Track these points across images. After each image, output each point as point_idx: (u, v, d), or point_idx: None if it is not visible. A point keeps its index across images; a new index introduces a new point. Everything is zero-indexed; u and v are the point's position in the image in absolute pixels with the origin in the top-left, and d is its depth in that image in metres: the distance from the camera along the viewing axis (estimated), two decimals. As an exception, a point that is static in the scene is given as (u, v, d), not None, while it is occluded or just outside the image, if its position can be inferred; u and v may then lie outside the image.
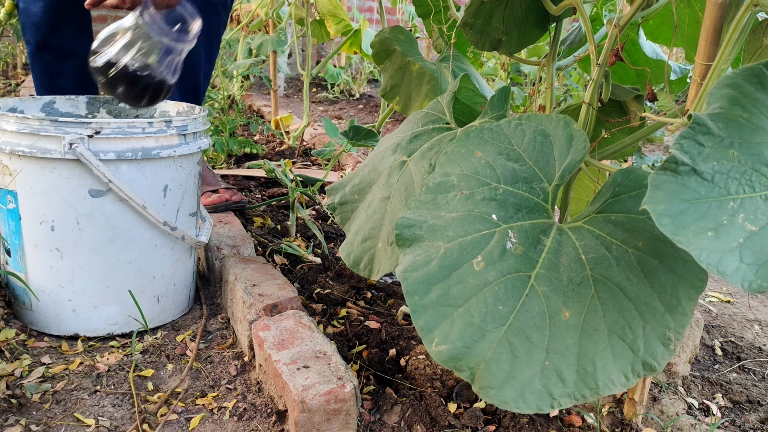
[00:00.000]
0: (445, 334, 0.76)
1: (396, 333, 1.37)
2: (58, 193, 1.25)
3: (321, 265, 1.71)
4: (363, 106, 4.81)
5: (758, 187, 0.59)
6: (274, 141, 3.09)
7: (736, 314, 1.70)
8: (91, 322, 1.34)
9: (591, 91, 1.10)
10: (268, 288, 1.39)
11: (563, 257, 0.82)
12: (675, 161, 0.58)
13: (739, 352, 1.49)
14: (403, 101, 1.70)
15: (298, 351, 1.15)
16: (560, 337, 0.75)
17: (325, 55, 6.14)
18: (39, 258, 1.30)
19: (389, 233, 1.09)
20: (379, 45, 1.75)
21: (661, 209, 0.56)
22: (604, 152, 1.17)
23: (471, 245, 0.83)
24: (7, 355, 1.26)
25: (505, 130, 0.98)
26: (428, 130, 1.21)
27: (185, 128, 1.34)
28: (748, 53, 1.02)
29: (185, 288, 1.47)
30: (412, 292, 0.79)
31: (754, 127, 0.62)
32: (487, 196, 0.89)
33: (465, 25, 1.32)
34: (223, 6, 1.95)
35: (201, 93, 2.00)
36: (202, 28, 1.53)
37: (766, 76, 0.65)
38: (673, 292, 0.76)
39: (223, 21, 1.98)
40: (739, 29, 0.85)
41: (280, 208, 2.13)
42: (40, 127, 1.21)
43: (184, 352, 1.33)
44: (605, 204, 0.88)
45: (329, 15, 2.93)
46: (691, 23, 1.35)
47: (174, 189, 1.35)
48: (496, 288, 0.79)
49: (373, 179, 1.22)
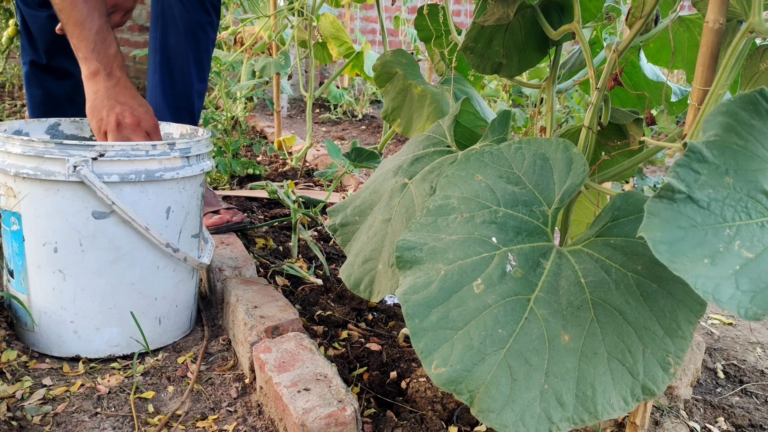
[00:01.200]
0: (445, 357, 0.76)
1: (397, 355, 1.37)
2: (62, 215, 1.26)
3: (322, 286, 1.71)
4: (366, 126, 4.83)
5: (754, 214, 0.59)
6: (277, 162, 3.11)
7: (738, 337, 1.70)
8: (92, 344, 1.34)
9: (590, 114, 1.11)
10: (269, 310, 1.39)
11: (563, 280, 0.83)
12: (671, 189, 0.58)
13: (741, 375, 1.49)
14: (405, 123, 1.72)
15: (299, 373, 1.15)
16: (559, 360, 0.75)
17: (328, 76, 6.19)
18: (42, 279, 1.31)
19: (390, 255, 1.10)
20: (381, 68, 1.77)
21: (658, 236, 0.57)
22: (605, 175, 1.18)
23: (471, 268, 0.83)
24: (9, 376, 1.26)
25: (506, 153, 0.99)
26: (429, 152, 1.22)
27: (188, 150, 1.35)
28: (746, 78, 1.02)
29: (187, 309, 1.47)
30: (412, 314, 0.79)
31: (750, 154, 0.62)
32: (487, 219, 0.89)
33: (466, 49, 1.34)
34: (210, 24, 1.97)
35: (196, 113, 2.02)
36: (191, 46, 1.58)
37: (761, 103, 0.66)
38: (672, 316, 0.76)
39: (211, 39, 2.00)
40: (735, 55, 0.86)
41: (282, 229, 2.14)
42: (44, 150, 1.22)
43: (185, 374, 1.33)
44: (604, 227, 0.88)
45: (332, 38, 2.95)
46: (691, 47, 1.36)
47: (177, 211, 1.36)
48: (496, 311, 0.79)
49: (374, 201, 1.23)
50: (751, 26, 0.84)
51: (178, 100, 1.96)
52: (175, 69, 1.94)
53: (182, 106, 1.96)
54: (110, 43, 1.46)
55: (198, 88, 2.00)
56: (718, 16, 0.88)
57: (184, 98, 1.96)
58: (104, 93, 1.42)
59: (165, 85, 1.94)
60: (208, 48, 2.00)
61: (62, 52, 1.89)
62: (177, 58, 1.93)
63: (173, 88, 1.95)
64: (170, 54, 1.92)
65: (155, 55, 1.94)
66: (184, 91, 1.96)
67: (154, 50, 1.94)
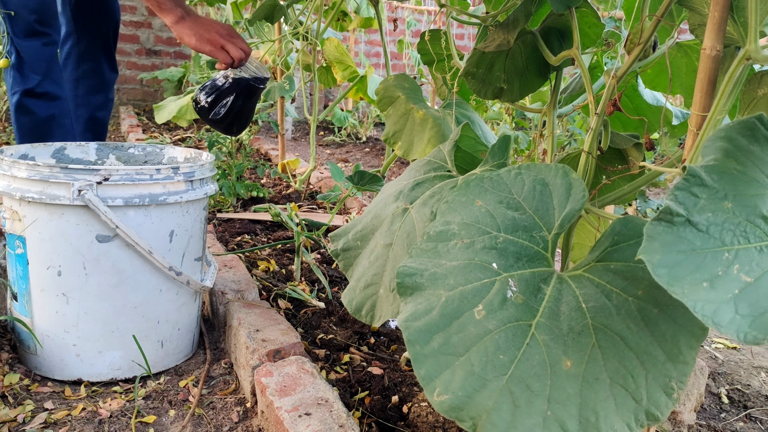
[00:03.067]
0: (447, 383, 0.76)
1: (399, 379, 1.37)
2: (66, 239, 1.27)
3: (325, 309, 1.71)
4: (369, 149, 4.85)
5: (753, 238, 0.60)
6: (281, 184, 3.12)
7: (742, 361, 1.69)
8: (94, 367, 1.34)
9: (590, 139, 1.12)
10: (271, 333, 1.39)
11: (563, 306, 0.83)
12: (670, 212, 0.59)
13: (745, 400, 1.48)
14: (406, 147, 1.73)
15: (300, 397, 1.15)
16: (561, 386, 0.75)
17: (332, 99, 6.23)
18: (45, 303, 1.31)
19: (391, 280, 1.10)
20: (383, 92, 1.78)
21: (657, 260, 0.57)
22: (605, 199, 1.19)
23: (472, 294, 0.84)
24: (11, 400, 1.26)
25: (505, 179, 0.99)
26: (430, 177, 1.23)
27: (192, 174, 1.36)
28: (744, 103, 1.03)
29: (189, 333, 1.47)
30: (413, 341, 0.79)
31: (748, 179, 0.63)
32: (487, 244, 0.90)
33: (467, 74, 1.35)
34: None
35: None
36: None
37: (759, 129, 0.66)
38: (673, 340, 0.76)
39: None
40: (732, 81, 0.86)
41: (285, 252, 2.15)
42: (50, 174, 1.23)
43: (187, 397, 1.33)
44: (605, 252, 0.88)
45: (336, 62, 2.98)
46: (689, 72, 1.37)
47: (180, 234, 1.37)
48: (497, 337, 0.79)
49: (376, 226, 1.23)
50: (747, 53, 0.85)
51: None
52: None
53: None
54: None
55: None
56: (715, 43, 0.89)
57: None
58: (198, 25, 1.81)
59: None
60: None
61: (52, 77, 2.13)
62: None
63: None
64: None
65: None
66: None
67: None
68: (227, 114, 1.88)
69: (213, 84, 1.89)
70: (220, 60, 1.86)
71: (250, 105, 1.95)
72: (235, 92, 1.88)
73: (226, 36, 1.84)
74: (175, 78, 4.88)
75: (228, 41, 1.83)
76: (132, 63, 5.40)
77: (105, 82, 2.42)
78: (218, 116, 1.89)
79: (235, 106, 1.89)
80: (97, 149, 1.66)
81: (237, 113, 1.91)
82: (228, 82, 1.87)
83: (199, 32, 1.81)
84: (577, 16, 1.20)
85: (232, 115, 1.90)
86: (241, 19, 3.63)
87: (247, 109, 1.95)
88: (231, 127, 1.95)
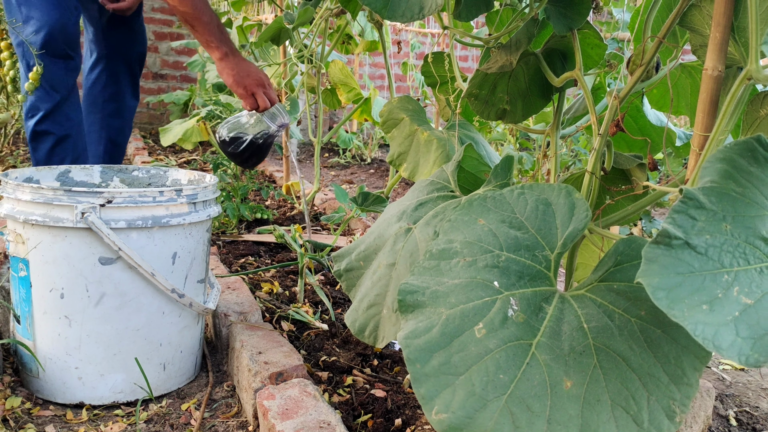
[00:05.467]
0: (447, 403, 0.75)
1: (402, 401, 1.35)
2: (69, 261, 1.27)
3: (328, 331, 1.71)
4: (374, 170, 4.87)
5: (752, 260, 0.59)
6: (285, 206, 3.13)
7: (750, 382, 1.67)
8: (96, 391, 1.34)
9: (593, 160, 1.12)
10: (273, 356, 1.38)
11: (565, 326, 0.82)
12: (668, 235, 0.58)
13: (754, 422, 1.46)
14: (411, 168, 1.73)
15: (303, 421, 1.14)
16: (562, 407, 0.74)
17: (337, 121, 6.26)
18: (48, 325, 1.31)
19: (393, 300, 1.10)
20: (388, 114, 1.79)
21: (656, 282, 0.57)
22: (609, 219, 1.18)
23: (473, 312, 0.83)
24: (12, 424, 1.26)
25: (508, 198, 0.99)
26: (433, 197, 1.23)
27: (195, 197, 1.36)
28: (747, 123, 1.03)
29: (192, 355, 1.47)
30: (413, 359, 0.79)
31: (748, 200, 0.62)
32: (489, 263, 0.89)
33: (470, 96, 1.36)
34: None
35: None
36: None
37: (759, 150, 0.66)
38: (677, 362, 0.75)
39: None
40: (734, 101, 0.86)
41: (288, 273, 2.14)
42: (53, 197, 1.24)
43: (189, 421, 1.32)
44: (607, 272, 0.88)
45: (340, 84, 3.00)
46: (693, 92, 1.37)
47: (183, 256, 1.37)
48: (498, 356, 0.78)
49: (379, 246, 1.23)
50: (749, 73, 0.85)
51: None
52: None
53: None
54: (225, 31, 2.01)
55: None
56: (716, 63, 0.89)
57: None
58: (239, 67, 2.00)
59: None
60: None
61: (72, 99, 2.23)
62: None
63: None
64: None
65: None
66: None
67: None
68: (246, 150, 2.10)
69: (237, 122, 2.10)
70: (247, 105, 2.05)
71: (267, 144, 2.16)
72: (257, 134, 2.10)
73: (260, 85, 2.03)
74: (181, 101, 4.91)
75: (259, 90, 2.03)
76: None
77: (126, 108, 2.55)
78: (237, 151, 2.11)
79: (255, 145, 2.11)
80: (102, 172, 1.67)
81: (255, 150, 2.13)
82: (250, 123, 2.09)
83: (238, 75, 2.00)
84: (579, 38, 1.21)
85: (251, 151, 2.12)
86: (246, 42, 3.67)
87: (264, 147, 2.16)
88: (248, 161, 2.17)
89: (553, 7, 1.17)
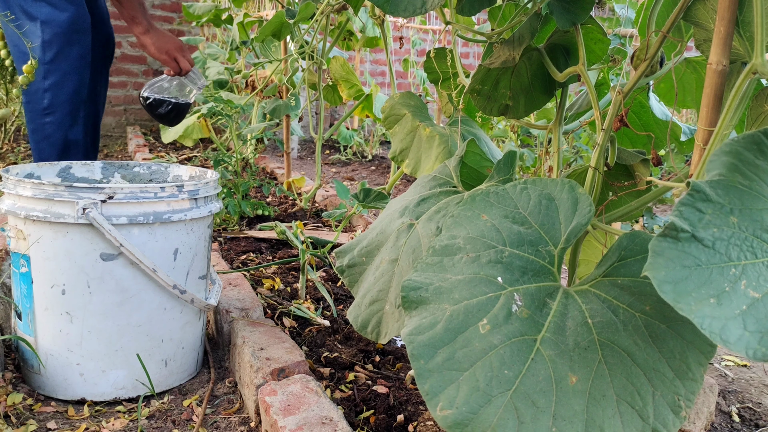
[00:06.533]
0: (451, 398, 0.75)
1: (404, 398, 1.35)
2: (70, 257, 1.26)
3: (330, 327, 1.70)
4: (375, 167, 4.86)
5: (760, 253, 0.59)
6: (286, 203, 3.12)
7: (753, 379, 1.66)
8: (98, 387, 1.34)
9: (597, 155, 1.11)
10: (275, 352, 1.38)
11: (569, 321, 0.82)
12: (675, 228, 0.58)
13: (757, 418, 1.46)
14: (413, 164, 1.73)
15: (305, 417, 1.14)
16: (567, 402, 0.74)
17: (338, 117, 6.25)
18: (49, 321, 1.31)
19: (396, 296, 1.09)
20: (389, 110, 1.79)
21: (663, 276, 0.56)
22: (612, 215, 1.18)
23: (477, 308, 0.83)
24: (14, 420, 1.25)
25: (511, 193, 0.99)
26: (436, 193, 1.23)
27: (196, 192, 1.36)
28: (752, 118, 1.03)
29: (193, 351, 1.47)
30: (417, 355, 0.79)
31: (755, 193, 0.62)
32: (492, 258, 0.89)
33: (473, 92, 1.35)
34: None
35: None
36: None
37: (765, 143, 0.66)
38: (682, 357, 0.75)
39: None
40: (739, 96, 0.86)
41: (290, 270, 2.14)
42: (55, 193, 1.24)
43: (191, 417, 1.32)
44: (612, 267, 0.87)
45: (342, 80, 2.99)
46: (699, 87, 1.37)
47: (184, 252, 1.37)
48: (502, 352, 0.78)
49: (381, 242, 1.23)
50: (753, 68, 0.84)
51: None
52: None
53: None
54: (146, 7, 2.27)
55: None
56: (720, 58, 0.89)
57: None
58: (159, 37, 2.24)
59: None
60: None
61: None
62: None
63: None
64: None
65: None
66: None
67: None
68: (171, 111, 2.35)
69: (161, 86, 2.33)
70: (171, 69, 2.28)
71: (188, 105, 2.41)
72: (179, 96, 2.35)
73: (179, 50, 2.27)
74: (182, 98, 4.90)
75: (180, 54, 2.26)
76: (139, 84, 5.43)
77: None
78: (163, 112, 2.35)
79: (179, 106, 2.37)
80: (103, 168, 1.67)
81: (180, 111, 2.39)
82: (172, 86, 2.33)
83: (159, 44, 2.24)
84: (582, 33, 1.20)
85: (176, 111, 2.37)
86: (247, 38, 3.66)
87: (185, 108, 2.41)
88: (173, 120, 2.42)
89: (556, 2, 1.16)
